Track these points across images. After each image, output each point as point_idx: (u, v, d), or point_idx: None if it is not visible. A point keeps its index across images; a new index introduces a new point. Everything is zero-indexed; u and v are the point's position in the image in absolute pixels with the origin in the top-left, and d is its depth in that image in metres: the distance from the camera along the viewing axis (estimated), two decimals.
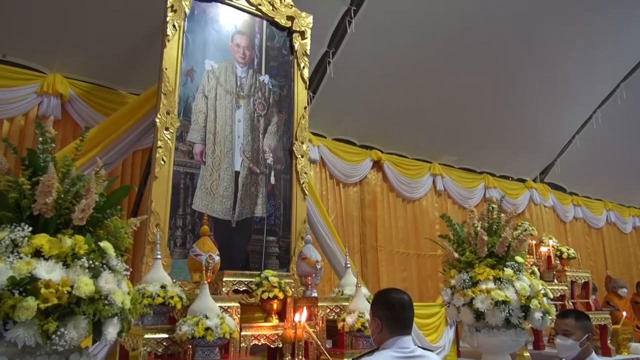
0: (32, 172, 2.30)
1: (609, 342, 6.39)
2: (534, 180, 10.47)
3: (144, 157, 5.68)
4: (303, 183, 5.04)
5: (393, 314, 2.16)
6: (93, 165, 2.71)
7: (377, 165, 8.13)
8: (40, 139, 2.38)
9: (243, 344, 3.56)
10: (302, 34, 5.37)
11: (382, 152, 8.16)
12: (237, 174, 4.68)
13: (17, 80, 5.16)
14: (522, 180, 10.32)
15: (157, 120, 4.23)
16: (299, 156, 5.08)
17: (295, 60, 5.30)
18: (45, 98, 5.24)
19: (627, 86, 9.01)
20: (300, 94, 5.27)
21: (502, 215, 4.45)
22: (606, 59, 8.32)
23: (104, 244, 2.31)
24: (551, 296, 4.41)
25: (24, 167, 2.33)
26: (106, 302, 2.16)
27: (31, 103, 5.22)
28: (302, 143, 5.15)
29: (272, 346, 3.72)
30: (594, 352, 2.80)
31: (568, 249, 7.01)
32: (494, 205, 4.55)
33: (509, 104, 8.42)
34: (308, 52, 5.39)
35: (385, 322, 2.16)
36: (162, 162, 4.19)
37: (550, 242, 6.88)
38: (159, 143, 4.19)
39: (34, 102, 5.23)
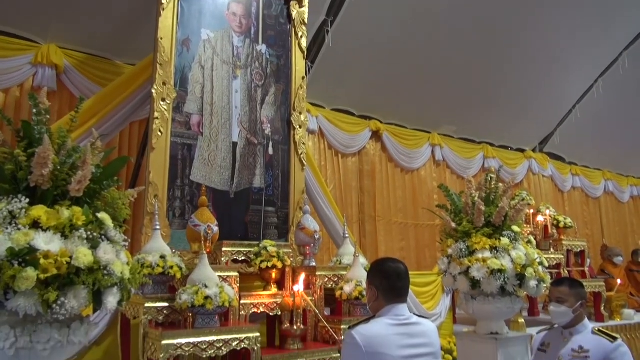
0: (27, 144, 2.29)
1: (602, 308, 6.51)
2: (533, 150, 10.45)
3: (141, 129, 5.64)
4: (301, 154, 5.03)
5: (389, 282, 2.18)
6: (90, 137, 2.70)
7: (376, 135, 8.10)
8: (34, 110, 2.36)
9: (242, 312, 3.62)
10: (300, 2, 5.27)
11: (381, 122, 8.12)
12: (234, 144, 4.66)
13: (10, 51, 5.08)
14: (522, 150, 10.31)
15: (154, 91, 4.20)
16: (297, 127, 5.06)
17: (293, 29, 5.21)
18: (40, 69, 5.17)
19: (630, 55, 8.87)
20: (298, 63, 5.20)
21: (500, 185, 4.45)
22: (608, 26, 8.18)
23: (102, 215, 2.32)
24: (546, 265, 4.46)
25: (19, 138, 2.32)
26: (105, 272, 2.18)
27: (26, 74, 5.16)
28: (300, 113, 5.11)
29: (270, 314, 3.79)
30: (586, 319, 2.85)
31: (565, 219, 7.08)
32: (492, 175, 4.55)
33: (508, 73, 8.32)
34: (306, 20, 5.30)
35: (382, 290, 2.19)
36: (160, 133, 4.18)
37: (547, 212, 6.94)
38: (156, 114, 4.18)
39: (29, 73, 5.17)
